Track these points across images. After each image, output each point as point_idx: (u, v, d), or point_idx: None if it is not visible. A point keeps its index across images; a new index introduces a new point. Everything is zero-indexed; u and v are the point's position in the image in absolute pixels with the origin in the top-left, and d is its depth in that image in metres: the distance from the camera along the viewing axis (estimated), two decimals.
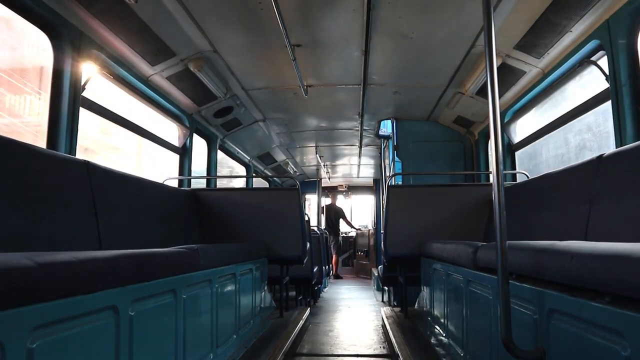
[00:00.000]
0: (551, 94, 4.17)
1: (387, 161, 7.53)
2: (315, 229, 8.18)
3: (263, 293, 4.25)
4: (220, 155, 6.61)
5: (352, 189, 13.82)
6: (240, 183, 9.37)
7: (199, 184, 5.97)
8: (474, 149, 6.31)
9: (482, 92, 4.98)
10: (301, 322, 4.55)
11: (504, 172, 4.45)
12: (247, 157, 7.90)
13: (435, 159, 6.47)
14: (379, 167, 9.80)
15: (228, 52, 4.35)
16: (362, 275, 12.78)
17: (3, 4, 2.65)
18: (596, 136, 3.62)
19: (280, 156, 9.07)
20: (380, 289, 8.31)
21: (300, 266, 4.82)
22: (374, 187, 12.71)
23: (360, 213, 15.03)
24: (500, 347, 1.63)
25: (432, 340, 3.48)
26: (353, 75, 5.02)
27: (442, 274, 3.28)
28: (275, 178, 10.47)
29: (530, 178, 3.69)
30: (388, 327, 4.22)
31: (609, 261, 1.16)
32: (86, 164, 2.73)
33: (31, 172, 2.26)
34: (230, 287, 3.13)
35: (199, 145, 5.83)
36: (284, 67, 4.68)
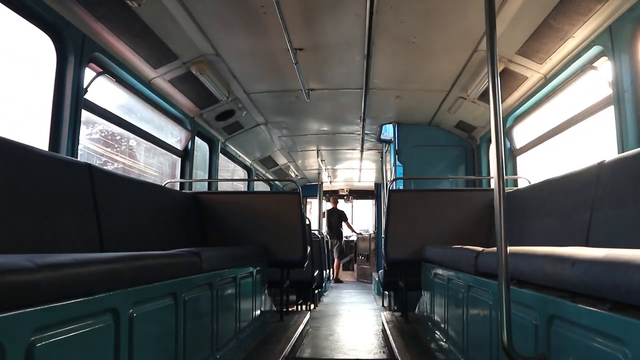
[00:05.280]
0: (553, 100, 4.17)
1: (388, 165, 7.53)
2: (316, 233, 8.17)
3: (263, 297, 4.24)
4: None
5: (353, 193, 13.81)
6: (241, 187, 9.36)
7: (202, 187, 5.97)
8: (475, 154, 6.31)
9: (484, 97, 4.98)
10: (301, 326, 4.54)
11: (506, 177, 4.44)
12: (248, 161, 7.90)
13: (437, 163, 6.47)
14: (380, 172, 9.79)
15: (230, 55, 4.37)
16: (362, 279, 12.75)
17: (7, 6, 2.67)
18: None
19: (281, 160, 9.07)
20: (380, 294, 8.29)
21: (300, 270, 4.81)
22: (375, 192, 12.70)
23: (361, 217, 15.01)
24: (501, 353, 1.63)
25: (433, 346, 3.46)
26: (355, 79, 5.03)
27: (442, 279, 3.27)
28: (276, 182, 10.47)
29: (531, 184, 3.69)
30: (388, 332, 4.20)
31: (610, 267, 1.16)
32: (88, 167, 2.73)
33: (33, 174, 2.26)
34: (230, 291, 3.13)
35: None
36: (286, 70, 4.69)
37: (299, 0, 3.44)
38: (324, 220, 12.58)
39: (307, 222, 5.73)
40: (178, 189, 5.06)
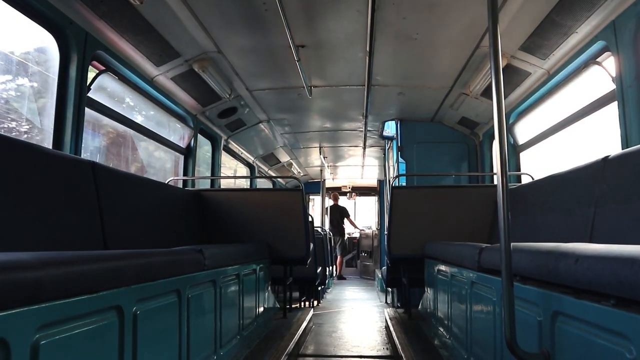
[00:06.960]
0: (556, 95, 4.15)
1: (391, 162, 7.52)
2: (319, 229, 8.18)
3: (266, 294, 4.25)
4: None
5: (356, 189, 13.81)
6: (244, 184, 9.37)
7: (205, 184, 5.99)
8: (478, 150, 6.29)
9: (486, 93, 4.96)
10: (305, 323, 4.55)
11: (509, 173, 4.43)
12: (251, 158, 7.91)
13: (440, 160, 6.45)
14: (382, 168, 9.79)
15: (232, 52, 4.36)
16: (365, 276, 12.76)
17: (10, 5, 2.67)
18: None
19: (284, 157, 9.07)
20: (383, 290, 8.29)
21: (303, 267, 4.81)
22: (378, 188, 12.70)
23: (364, 214, 15.01)
24: (505, 349, 1.63)
25: (436, 342, 3.47)
26: (357, 76, 5.02)
27: (446, 275, 3.27)
28: (279, 179, 10.47)
29: (535, 180, 3.68)
30: (391, 329, 4.21)
31: (614, 263, 1.15)
32: (92, 165, 2.74)
33: (37, 172, 2.27)
34: (233, 288, 3.14)
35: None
36: (288, 67, 4.68)
37: None
38: (327, 217, 12.60)
39: (310, 219, 5.74)
40: (181, 186, 5.08)
